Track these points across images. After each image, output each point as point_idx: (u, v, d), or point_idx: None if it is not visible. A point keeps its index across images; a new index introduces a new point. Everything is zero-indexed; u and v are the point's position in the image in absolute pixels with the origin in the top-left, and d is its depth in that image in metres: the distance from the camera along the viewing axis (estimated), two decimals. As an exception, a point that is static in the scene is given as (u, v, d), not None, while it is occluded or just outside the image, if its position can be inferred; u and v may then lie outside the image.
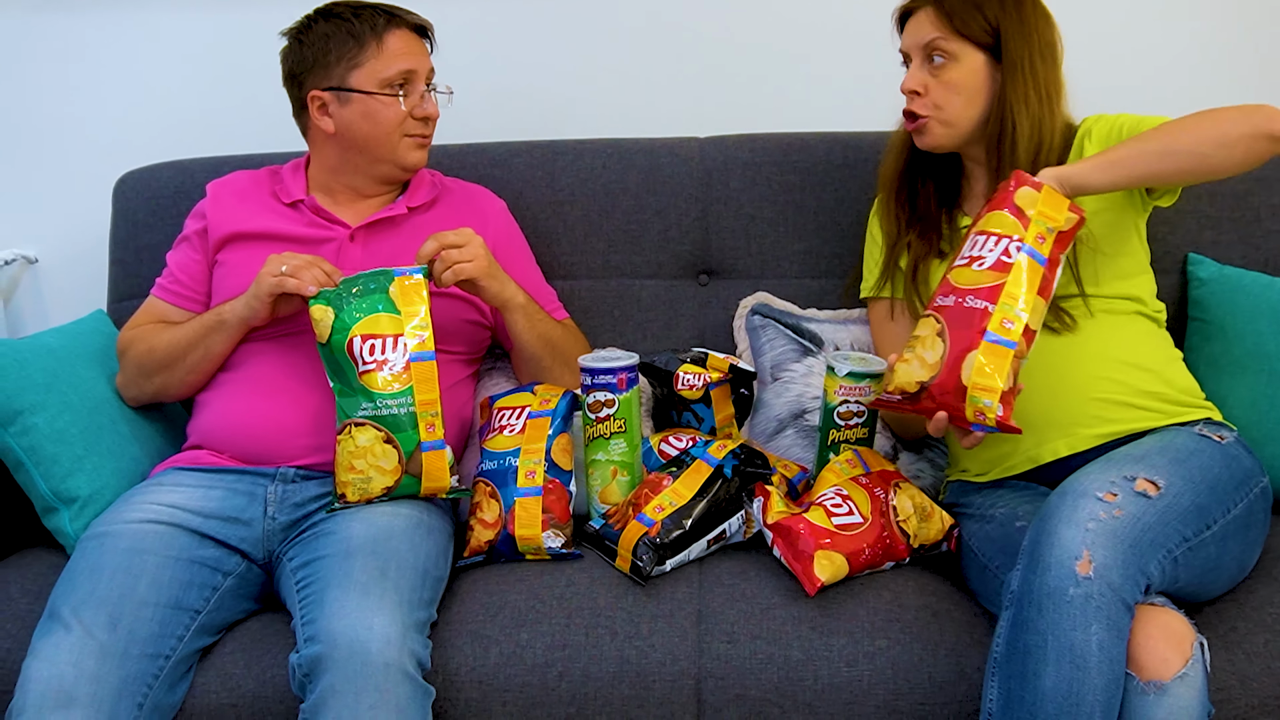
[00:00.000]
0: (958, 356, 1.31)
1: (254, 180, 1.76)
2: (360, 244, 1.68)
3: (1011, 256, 1.33)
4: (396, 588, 1.32)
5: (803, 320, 1.82)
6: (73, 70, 2.20)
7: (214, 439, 1.60)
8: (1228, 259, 1.80)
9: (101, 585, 1.35)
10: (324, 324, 1.48)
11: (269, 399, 1.59)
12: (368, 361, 1.47)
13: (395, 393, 1.47)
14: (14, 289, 2.30)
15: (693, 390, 1.68)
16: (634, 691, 1.35)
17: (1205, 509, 1.30)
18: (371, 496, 1.47)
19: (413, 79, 1.64)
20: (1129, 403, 1.47)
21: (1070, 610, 1.17)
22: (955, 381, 1.30)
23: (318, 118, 1.65)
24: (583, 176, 1.94)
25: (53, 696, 1.24)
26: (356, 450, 1.45)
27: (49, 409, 1.59)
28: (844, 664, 1.35)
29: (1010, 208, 1.36)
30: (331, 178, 1.71)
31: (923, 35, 1.56)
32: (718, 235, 1.93)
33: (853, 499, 1.47)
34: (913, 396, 1.34)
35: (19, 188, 2.25)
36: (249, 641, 1.42)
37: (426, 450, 1.48)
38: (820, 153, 1.91)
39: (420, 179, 1.77)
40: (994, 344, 1.30)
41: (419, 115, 1.65)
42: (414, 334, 1.49)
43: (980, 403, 1.29)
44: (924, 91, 1.56)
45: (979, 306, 1.32)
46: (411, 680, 1.27)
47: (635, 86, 2.16)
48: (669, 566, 1.46)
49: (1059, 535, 1.20)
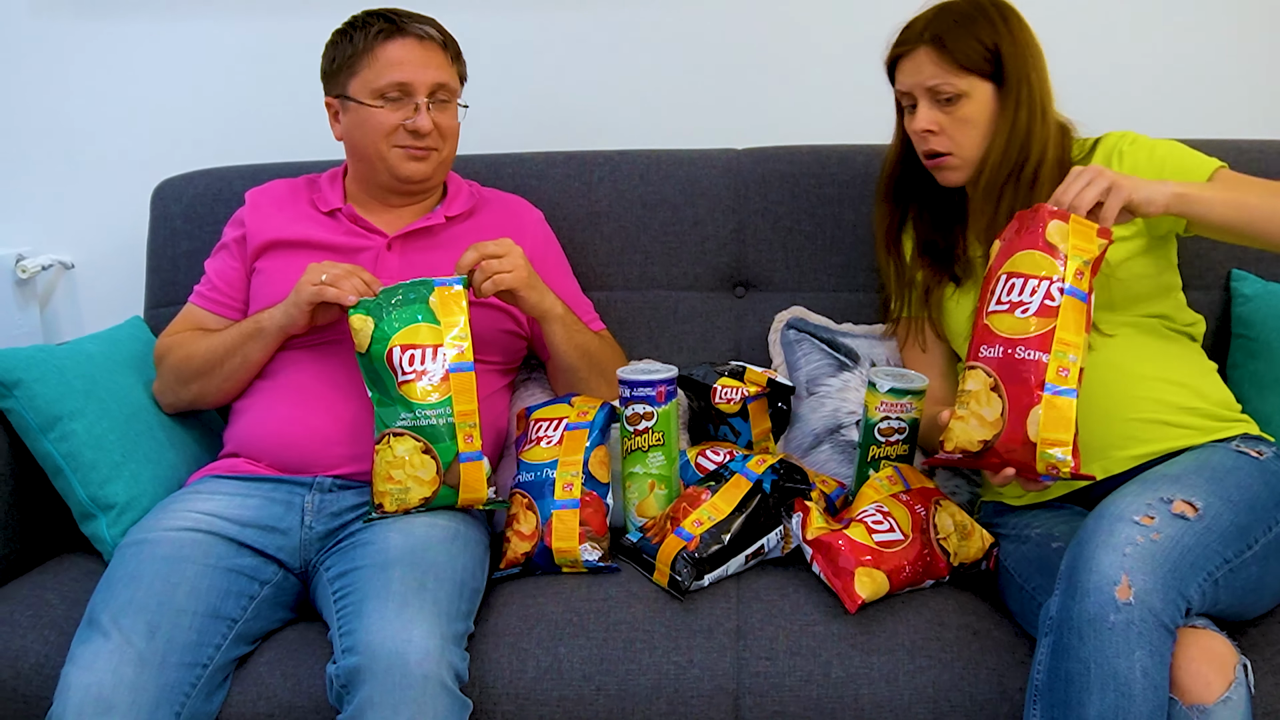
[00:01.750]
0: (1019, 412, 1.29)
1: (292, 189, 1.77)
2: (397, 253, 1.68)
3: (1055, 300, 1.30)
4: (435, 600, 1.32)
5: (838, 335, 1.81)
6: (111, 77, 2.22)
7: (251, 447, 1.60)
8: (1272, 275, 1.78)
9: (140, 593, 1.35)
10: (363, 333, 1.48)
11: (306, 408, 1.59)
12: (407, 372, 1.47)
13: (434, 403, 1.46)
14: (50, 294, 2.32)
15: (730, 404, 1.67)
16: (672, 707, 1.34)
17: (1245, 529, 1.28)
18: (409, 507, 1.47)
19: (409, 90, 1.62)
20: (1164, 420, 1.45)
21: (1112, 637, 1.15)
22: (1021, 438, 1.28)
23: (332, 124, 1.69)
24: (620, 188, 1.93)
25: (92, 704, 1.24)
26: (395, 460, 1.45)
27: (88, 415, 1.59)
28: (884, 682, 1.34)
29: (1043, 246, 1.32)
30: (359, 186, 1.73)
31: (925, 77, 1.54)
32: (754, 248, 1.92)
33: (893, 516, 1.45)
34: (975, 455, 1.33)
35: (57, 193, 2.27)
36: (285, 651, 1.42)
37: (465, 461, 1.47)
38: (859, 165, 1.89)
39: (457, 189, 1.77)
40: (1055, 395, 1.28)
41: (410, 128, 1.63)
42: (453, 344, 1.49)
43: (1053, 457, 1.27)
44: (938, 130, 1.55)
45: (1032, 358, 1.30)
46: (449, 692, 1.27)
47: (673, 98, 2.15)
48: (707, 581, 1.45)
49: (1097, 560, 1.19)
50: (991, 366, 1.32)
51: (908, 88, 1.57)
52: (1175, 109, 2.04)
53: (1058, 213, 1.34)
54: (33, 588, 1.53)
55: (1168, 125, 1.80)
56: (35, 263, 2.24)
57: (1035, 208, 1.36)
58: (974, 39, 1.52)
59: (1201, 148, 1.57)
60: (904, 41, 1.58)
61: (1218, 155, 1.55)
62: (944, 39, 1.52)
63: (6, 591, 1.53)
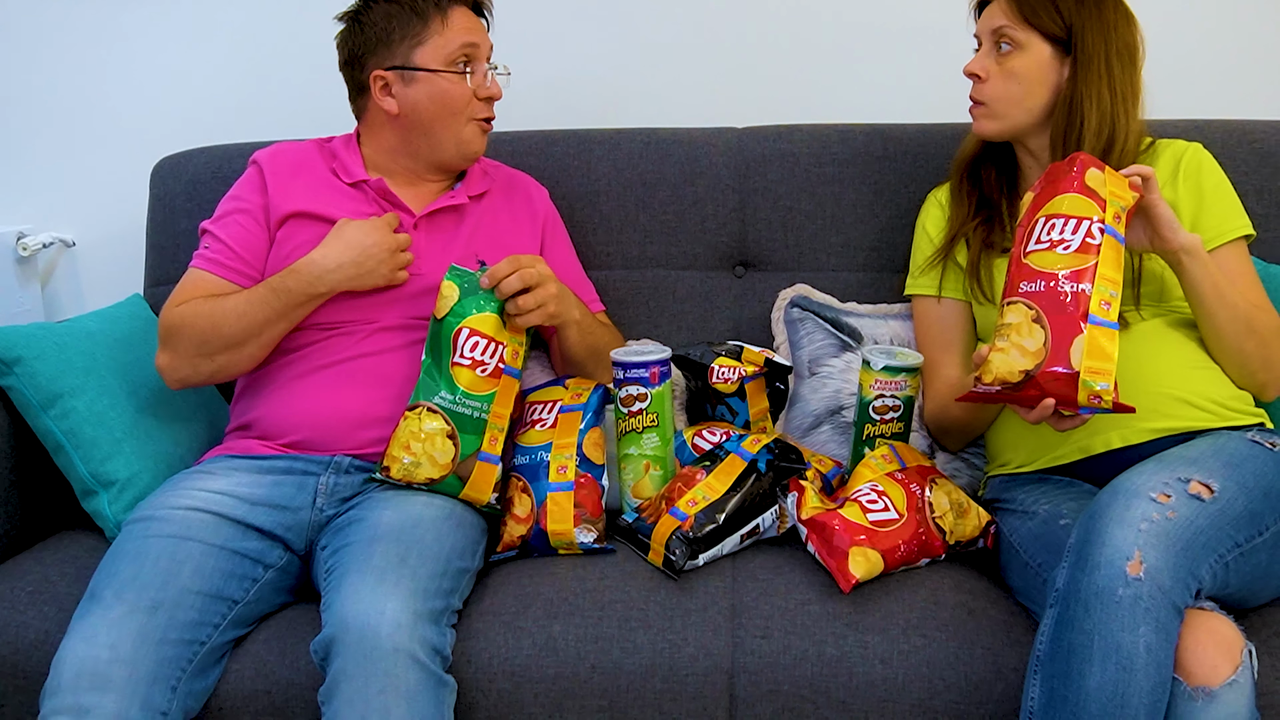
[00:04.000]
0: (1063, 341, 1.28)
1: (305, 154, 1.72)
2: (424, 232, 1.66)
3: (1096, 238, 1.31)
4: (414, 575, 1.31)
5: (842, 314, 1.81)
6: (110, 55, 2.22)
7: (269, 424, 1.58)
8: (1275, 257, 1.77)
9: (145, 569, 1.35)
10: (447, 300, 1.49)
11: (333, 388, 1.58)
12: (465, 356, 1.48)
13: (478, 395, 1.48)
14: (51, 272, 2.33)
15: (728, 384, 1.67)
16: (666, 685, 1.35)
17: (1258, 515, 1.28)
18: (413, 480, 1.48)
19: (476, 55, 1.62)
20: (1187, 400, 1.45)
21: (1119, 611, 1.15)
22: (1065, 367, 1.28)
23: (380, 98, 1.62)
24: (619, 166, 1.93)
25: (88, 678, 1.24)
26: (418, 433, 1.47)
27: (88, 392, 1.60)
28: (879, 661, 1.34)
29: (1082, 189, 1.34)
30: (390, 159, 1.68)
31: (993, 21, 1.56)
32: (755, 227, 1.92)
33: (888, 495, 1.46)
34: (1015, 386, 1.31)
35: (57, 171, 2.28)
36: (283, 629, 1.43)
37: (482, 460, 1.49)
38: (859, 144, 1.89)
39: (473, 166, 1.75)
40: (1098, 326, 1.28)
41: (483, 95, 1.64)
42: (514, 348, 1.51)
43: (1095, 386, 1.27)
44: (984, 76, 1.57)
45: (1076, 289, 1.30)
46: (422, 667, 1.26)
47: (673, 76, 2.15)
48: (702, 561, 1.45)
49: (1110, 535, 1.19)
50: (1033, 300, 1.31)
51: (980, 31, 1.60)
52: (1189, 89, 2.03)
53: (1095, 161, 1.35)
54: (34, 564, 1.54)
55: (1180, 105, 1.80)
56: (36, 240, 2.25)
57: (1071, 157, 1.37)
58: (1051, 2, 1.53)
59: (1219, 128, 1.60)
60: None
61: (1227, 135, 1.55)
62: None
63: (7, 568, 1.54)
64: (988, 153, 1.68)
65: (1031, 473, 1.55)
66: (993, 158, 1.67)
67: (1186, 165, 1.57)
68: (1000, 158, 1.67)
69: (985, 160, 1.68)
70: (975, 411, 1.58)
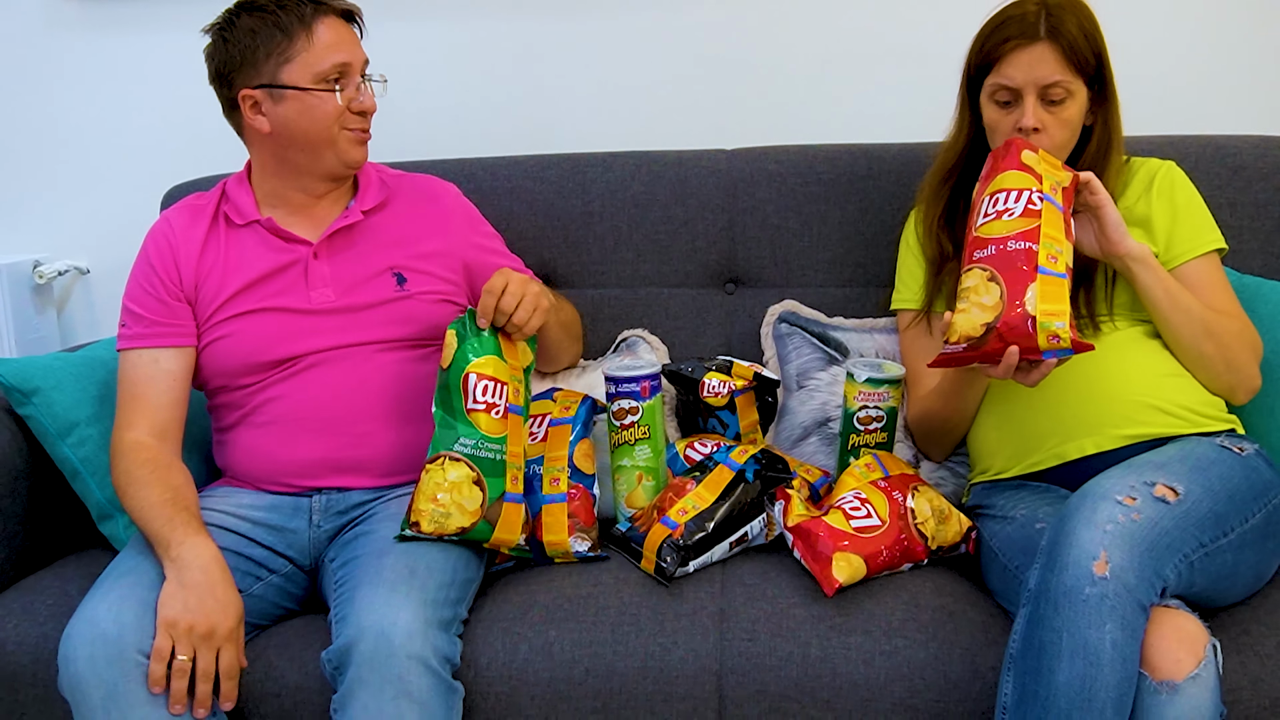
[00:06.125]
0: (1017, 292, 1.35)
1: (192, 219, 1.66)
2: (325, 259, 1.63)
3: (1037, 204, 1.39)
4: (423, 586, 1.36)
5: (829, 329, 1.86)
6: (122, 90, 2.28)
7: (244, 474, 1.62)
8: (1248, 268, 1.81)
9: (147, 563, 1.40)
10: (450, 350, 1.48)
11: (288, 439, 1.59)
12: (479, 400, 1.46)
13: (496, 437, 1.47)
14: (67, 299, 2.39)
15: (718, 397, 1.72)
16: (658, 687, 1.39)
17: (1223, 517, 1.32)
18: (445, 532, 1.45)
19: (348, 71, 1.56)
20: (1159, 407, 1.49)
21: (1085, 609, 1.19)
22: (1021, 313, 1.35)
23: (251, 117, 1.57)
24: (613, 188, 1.98)
25: (101, 647, 1.29)
26: (444, 483, 1.45)
27: (103, 420, 1.65)
28: (861, 662, 1.39)
29: (1018, 166, 1.42)
30: (278, 183, 1.64)
31: (1044, 74, 1.49)
32: (744, 245, 1.97)
33: (871, 502, 1.50)
34: (978, 341, 1.38)
35: (72, 201, 2.34)
36: (292, 635, 1.48)
37: (509, 501, 1.49)
38: (844, 164, 1.94)
39: (368, 180, 1.70)
40: (1048, 276, 1.36)
41: (356, 109, 1.58)
42: (514, 386, 1.50)
43: (1053, 326, 1.34)
44: (1042, 129, 1.52)
45: (1023, 247, 1.37)
46: (434, 673, 1.31)
47: (664, 102, 2.20)
48: (692, 568, 1.50)
49: (1078, 536, 1.23)
50: (987, 263, 1.39)
51: (1018, 83, 1.51)
52: (1164, 105, 2.08)
53: (1028, 144, 1.43)
54: (53, 579, 1.59)
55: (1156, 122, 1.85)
56: (52, 268, 2.31)
57: (1007, 142, 1.45)
58: (1084, 37, 1.50)
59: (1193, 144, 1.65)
60: (1022, 33, 1.51)
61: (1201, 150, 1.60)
62: (1066, 35, 1.49)
63: (28, 584, 1.59)
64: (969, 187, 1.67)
65: (1011, 479, 1.60)
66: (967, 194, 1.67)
67: (1160, 182, 1.62)
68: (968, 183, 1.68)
69: (964, 195, 1.68)
70: (953, 404, 1.62)
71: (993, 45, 1.54)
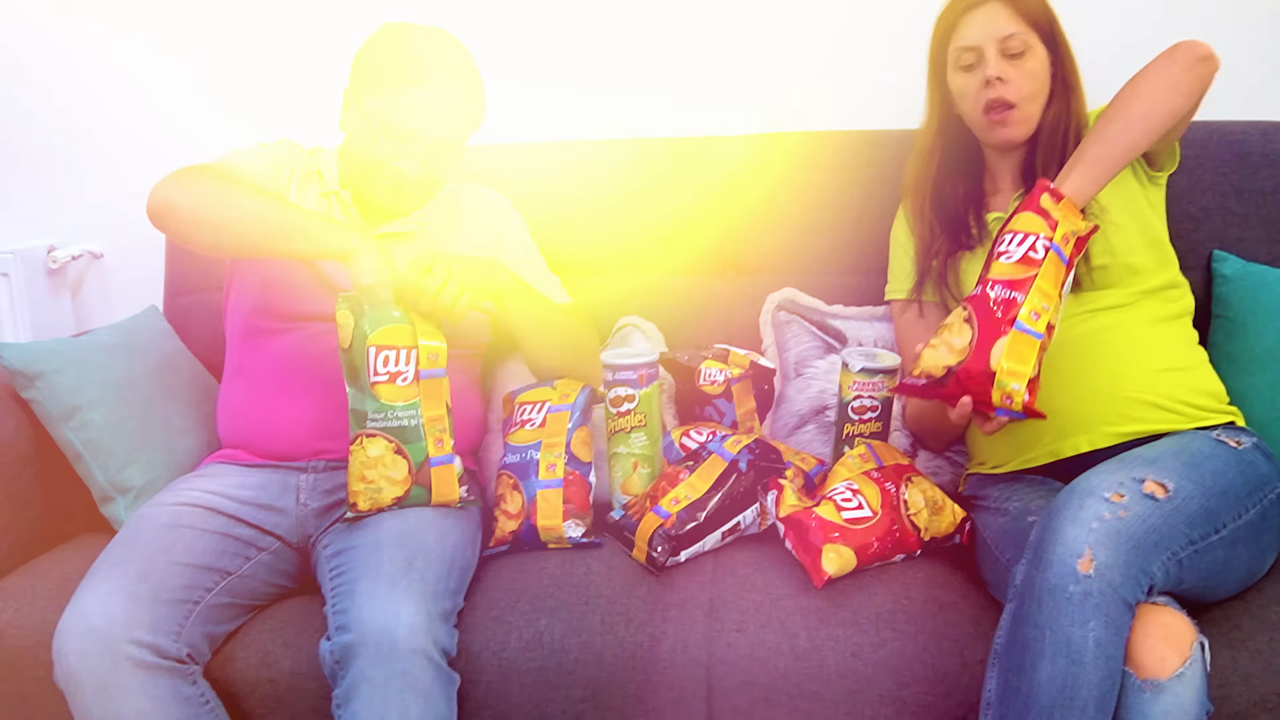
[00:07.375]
0: (986, 342, 1.33)
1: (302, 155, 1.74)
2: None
3: (1038, 252, 1.36)
4: (422, 579, 1.38)
5: (828, 317, 1.86)
6: (137, 76, 2.30)
7: (237, 440, 1.65)
8: (1253, 256, 1.80)
9: (135, 552, 1.42)
10: (346, 329, 1.47)
11: (282, 398, 1.62)
12: (380, 372, 1.46)
13: (405, 404, 1.47)
14: (81, 283, 2.41)
15: (715, 385, 1.72)
16: (646, 677, 1.40)
17: (1215, 513, 1.31)
18: (382, 506, 1.48)
19: (409, 139, 1.59)
20: (1154, 403, 1.48)
21: (1069, 606, 1.19)
22: (983, 366, 1.33)
23: (342, 108, 1.65)
24: (614, 176, 1.98)
25: (91, 637, 1.31)
26: (368, 461, 1.47)
27: (105, 404, 1.67)
28: (849, 654, 1.39)
29: (1036, 209, 1.39)
30: (351, 172, 1.68)
31: (999, 28, 1.54)
32: (744, 233, 1.97)
33: (863, 493, 1.50)
34: (938, 381, 1.37)
35: (86, 186, 2.36)
36: (287, 621, 1.49)
37: (435, 465, 1.50)
38: (845, 151, 1.94)
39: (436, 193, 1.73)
40: (1023, 333, 1.33)
41: (392, 172, 1.60)
42: (426, 348, 1.49)
43: (1008, 386, 1.32)
44: (1006, 79, 1.54)
45: (1007, 296, 1.35)
46: (435, 666, 1.33)
47: (665, 89, 2.20)
48: (683, 557, 1.51)
49: (1063, 533, 1.23)
50: (970, 303, 1.37)
51: (976, 40, 1.56)
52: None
53: (1054, 190, 1.39)
54: (54, 563, 1.62)
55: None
56: (66, 253, 2.33)
57: (1039, 181, 1.42)
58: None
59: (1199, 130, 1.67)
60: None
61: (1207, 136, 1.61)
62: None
63: (30, 568, 1.62)
64: (951, 170, 1.68)
65: (1007, 472, 1.59)
66: (957, 173, 1.68)
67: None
68: (965, 171, 1.68)
69: (948, 178, 1.68)
70: (943, 413, 1.62)
71: (950, 14, 1.61)
